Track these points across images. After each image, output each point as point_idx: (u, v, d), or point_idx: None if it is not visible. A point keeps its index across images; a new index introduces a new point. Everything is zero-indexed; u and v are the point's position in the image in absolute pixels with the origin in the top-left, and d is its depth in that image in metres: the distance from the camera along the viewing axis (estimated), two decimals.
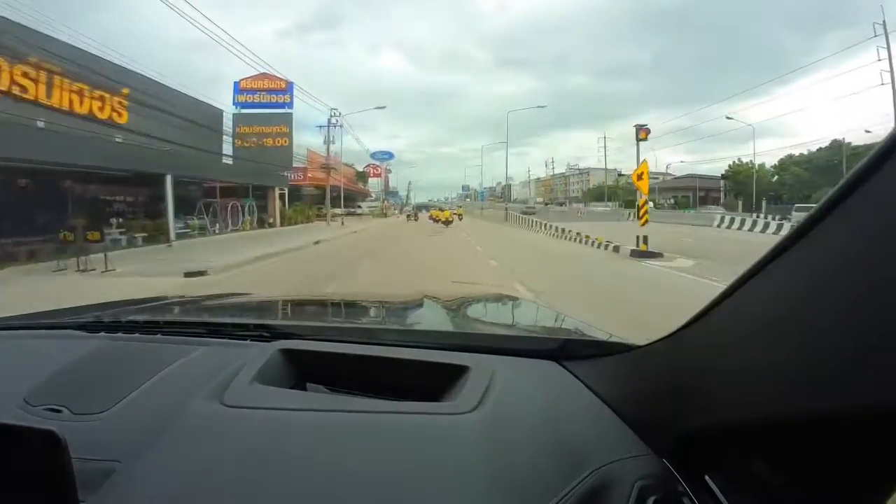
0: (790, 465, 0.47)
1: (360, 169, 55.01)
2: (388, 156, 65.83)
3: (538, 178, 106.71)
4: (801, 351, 0.38)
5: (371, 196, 58.13)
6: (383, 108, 33.27)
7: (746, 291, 0.44)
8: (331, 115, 29.52)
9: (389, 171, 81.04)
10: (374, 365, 0.82)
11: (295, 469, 0.54)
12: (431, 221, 31.27)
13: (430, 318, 1.47)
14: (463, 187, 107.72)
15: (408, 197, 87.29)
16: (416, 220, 37.06)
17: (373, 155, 63.72)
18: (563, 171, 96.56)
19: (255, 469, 0.53)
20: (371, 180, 57.74)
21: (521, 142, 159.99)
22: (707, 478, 0.55)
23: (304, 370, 0.82)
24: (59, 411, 0.70)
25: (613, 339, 0.87)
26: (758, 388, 0.43)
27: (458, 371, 0.75)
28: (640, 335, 0.74)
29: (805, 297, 0.38)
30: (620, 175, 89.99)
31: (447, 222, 29.84)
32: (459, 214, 37.38)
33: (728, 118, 36.04)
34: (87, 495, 0.50)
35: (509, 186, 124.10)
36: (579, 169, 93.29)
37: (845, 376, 0.34)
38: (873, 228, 0.32)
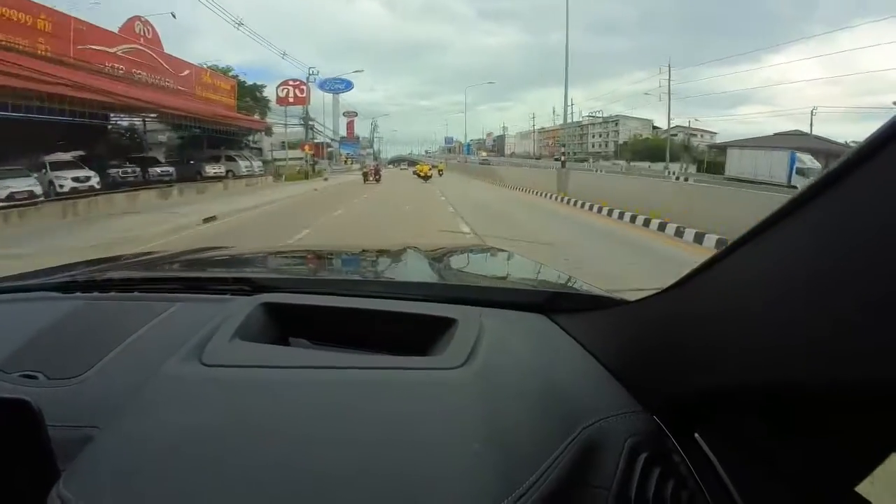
0: (782, 427, 0.47)
1: (263, 87, 30.49)
2: (345, 85, 45.64)
3: (543, 129, 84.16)
4: (804, 316, 0.36)
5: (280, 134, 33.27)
6: None
7: (752, 249, 0.41)
8: None
9: (355, 115, 59.09)
10: (359, 317, 0.79)
11: (279, 429, 0.51)
12: (415, 177, 28.68)
13: (415, 269, 1.35)
14: (446, 139, 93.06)
15: (372, 142, 63.25)
16: (376, 180, 25.58)
17: (322, 84, 43.16)
18: (580, 119, 73.72)
19: (238, 429, 0.51)
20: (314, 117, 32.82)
21: (504, 97, 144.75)
22: (697, 435, 0.55)
23: (286, 324, 0.78)
24: (34, 377, 0.68)
25: (604, 294, 0.84)
26: (757, 352, 0.41)
27: (446, 323, 0.72)
28: None
29: (815, 258, 0.35)
30: (655, 127, 69.84)
31: (426, 177, 27.70)
32: (440, 170, 34.01)
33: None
34: (67, 463, 0.48)
35: (503, 137, 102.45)
36: (603, 118, 70.74)
37: (851, 346, 0.33)
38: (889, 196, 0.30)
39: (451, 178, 31.98)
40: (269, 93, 30.79)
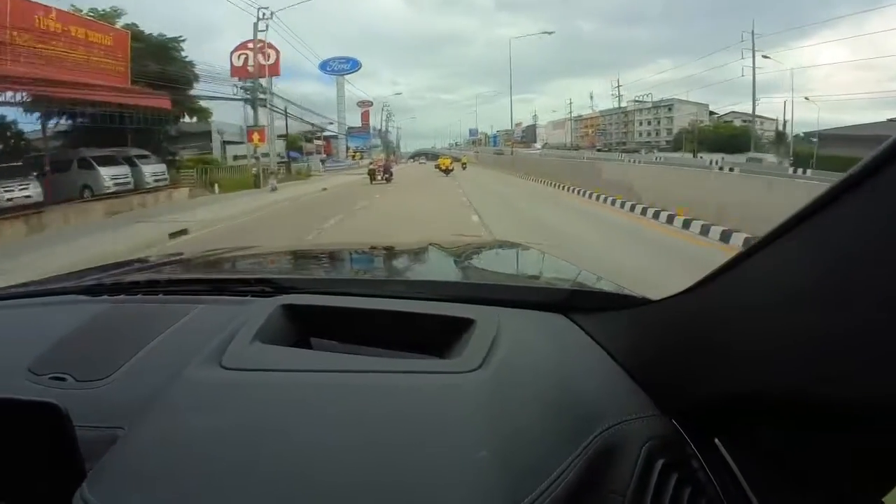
0: (805, 434, 0.46)
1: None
2: (351, 64, 42.64)
3: (579, 116, 74.42)
4: (831, 319, 0.35)
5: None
6: None
7: (777, 248, 0.39)
8: None
9: (370, 105, 51.35)
10: (379, 318, 0.79)
11: (298, 433, 0.52)
12: (437, 170, 27.97)
13: (435, 268, 1.39)
14: (471, 131, 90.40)
15: (384, 132, 55.04)
16: (386, 179, 21.04)
17: (324, 65, 41.06)
18: (626, 104, 63.90)
19: (257, 433, 0.52)
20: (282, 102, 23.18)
21: (525, 89, 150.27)
22: (716, 441, 0.54)
23: (307, 325, 0.79)
24: (63, 379, 0.70)
25: (625, 293, 0.82)
26: (782, 355, 0.40)
27: (464, 324, 0.72)
28: None
29: (844, 258, 0.34)
30: (712, 112, 59.66)
31: (447, 170, 26.61)
32: (463, 163, 32.14)
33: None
34: (93, 461, 0.50)
35: (534, 127, 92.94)
36: (653, 102, 60.76)
37: (880, 349, 0.31)
38: None
39: (488, 179, 23.16)
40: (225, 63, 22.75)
